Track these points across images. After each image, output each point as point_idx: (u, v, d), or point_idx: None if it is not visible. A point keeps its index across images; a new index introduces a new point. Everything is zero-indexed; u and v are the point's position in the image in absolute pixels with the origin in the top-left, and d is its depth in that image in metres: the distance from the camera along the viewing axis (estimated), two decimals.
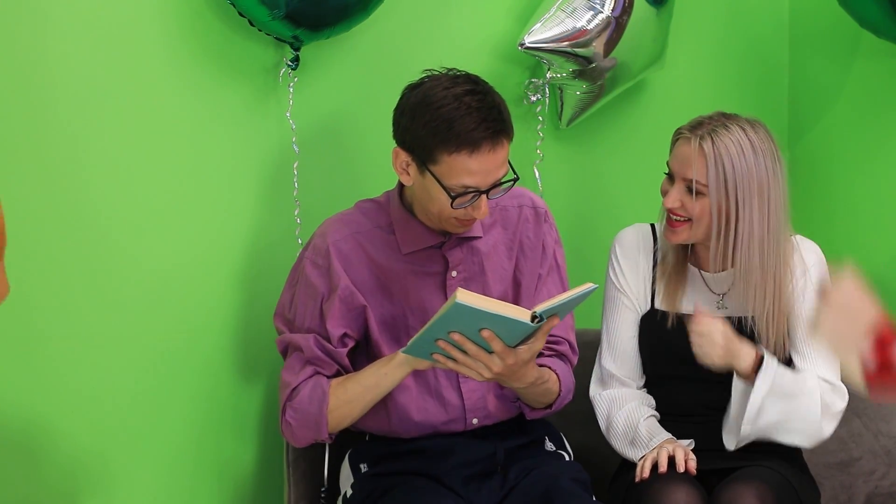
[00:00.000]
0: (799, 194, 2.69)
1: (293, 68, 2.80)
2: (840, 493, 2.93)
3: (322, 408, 2.50)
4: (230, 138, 2.81)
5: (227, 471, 2.87)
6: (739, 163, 2.61)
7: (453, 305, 2.26)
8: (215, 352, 2.82)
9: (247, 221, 2.84)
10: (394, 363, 2.48)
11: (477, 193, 2.42)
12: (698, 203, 2.63)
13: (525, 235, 2.63)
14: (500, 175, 2.44)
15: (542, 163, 3.10)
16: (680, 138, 2.67)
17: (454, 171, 2.40)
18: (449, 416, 2.58)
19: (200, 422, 2.84)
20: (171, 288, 2.77)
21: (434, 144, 2.40)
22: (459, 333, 2.34)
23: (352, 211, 2.62)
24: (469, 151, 2.38)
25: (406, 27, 2.99)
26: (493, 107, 2.41)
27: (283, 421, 2.55)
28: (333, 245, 2.54)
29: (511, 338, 2.36)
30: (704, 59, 3.38)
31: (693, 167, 2.61)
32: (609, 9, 3.00)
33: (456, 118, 2.38)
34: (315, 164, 2.88)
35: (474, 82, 2.45)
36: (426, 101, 2.42)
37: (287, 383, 2.54)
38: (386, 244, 2.56)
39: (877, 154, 3.29)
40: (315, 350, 2.52)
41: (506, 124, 2.43)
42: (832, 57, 3.36)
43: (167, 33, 2.73)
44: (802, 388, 2.63)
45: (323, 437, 2.53)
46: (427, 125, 2.40)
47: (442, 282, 2.57)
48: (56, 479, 2.69)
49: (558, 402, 2.62)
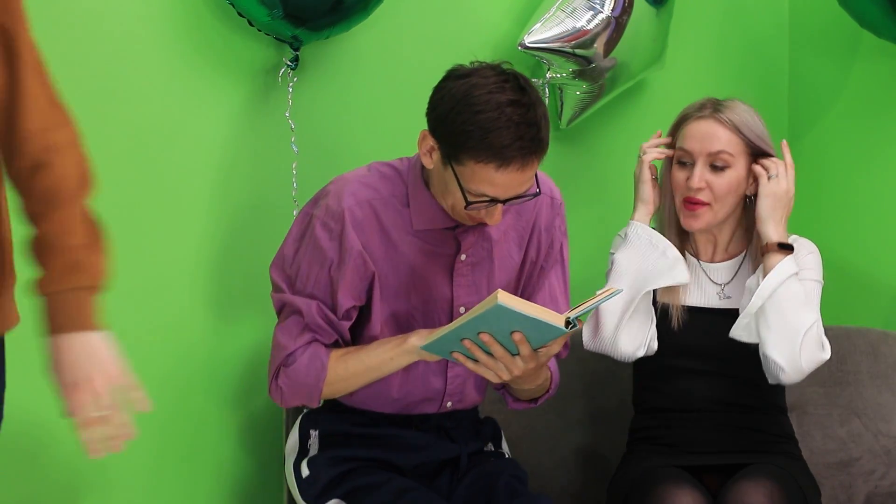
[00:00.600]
0: (799, 194, 2.68)
1: (293, 68, 2.80)
2: (840, 493, 2.93)
3: (319, 380, 2.43)
4: (230, 138, 2.81)
5: (226, 470, 2.87)
6: (757, 127, 2.68)
7: (494, 306, 2.21)
8: (215, 351, 2.83)
9: (246, 221, 2.84)
10: (402, 349, 2.41)
11: (494, 202, 2.35)
12: (725, 178, 2.65)
13: (537, 224, 2.57)
14: (524, 190, 2.36)
15: (542, 163, 3.10)
16: (690, 119, 2.69)
17: (477, 178, 2.31)
18: (427, 397, 2.55)
19: (199, 421, 2.84)
20: (171, 287, 2.77)
21: (464, 147, 2.29)
22: (489, 335, 2.30)
23: (368, 173, 2.48)
24: (497, 165, 2.28)
25: (406, 27, 2.99)
26: (532, 123, 2.29)
27: (274, 384, 2.47)
28: (349, 210, 2.42)
29: (538, 341, 2.33)
30: (704, 59, 3.38)
31: (717, 139, 2.64)
32: (609, 9, 3.00)
33: (493, 129, 2.27)
34: (314, 164, 2.88)
35: (521, 90, 2.32)
36: (467, 99, 2.30)
37: (283, 346, 2.45)
38: (399, 216, 2.46)
39: (876, 154, 3.29)
40: (316, 317, 2.43)
41: (542, 143, 2.32)
42: (832, 57, 3.36)
43: (167, 33, 2.73)
44: (804, 307, 2.63)
45: (313, 404, 2.48)
46: (462, 126, 2.29)
47: (450, 264, 2.49)
48: (55, 479, 2.69)
49: (544, 398, 2.61)
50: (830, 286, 3.23)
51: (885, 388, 3.00)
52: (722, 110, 2.67)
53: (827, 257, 2.79)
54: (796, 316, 2.61)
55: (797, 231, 2.77)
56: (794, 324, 2.61)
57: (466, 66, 2.35)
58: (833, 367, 3.03)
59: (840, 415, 3.01)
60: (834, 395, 3.03)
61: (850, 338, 3.04)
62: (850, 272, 3.30)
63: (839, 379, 3.03)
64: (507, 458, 2.64)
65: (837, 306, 3.29)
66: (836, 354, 3.04)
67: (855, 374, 3.02)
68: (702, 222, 2.68)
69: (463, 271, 2.49)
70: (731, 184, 2.65)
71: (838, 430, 2.97)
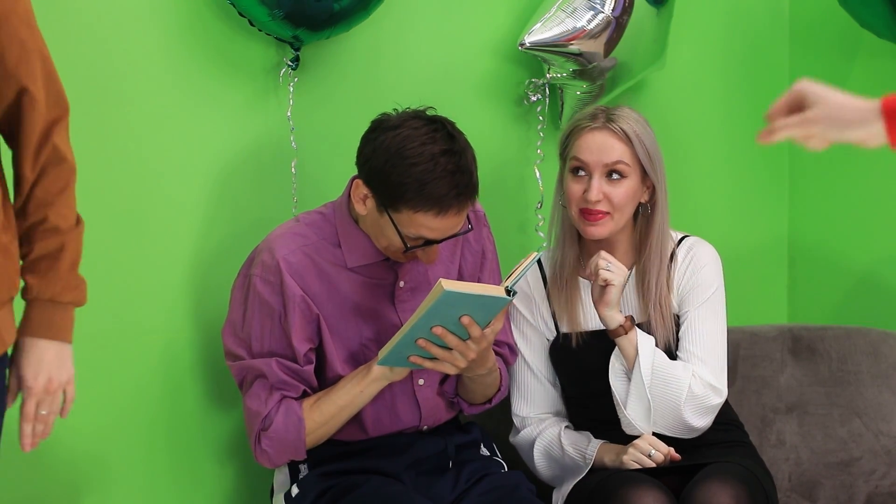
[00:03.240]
0: (799, 194, 2.68)
1: (293, 68, 2.80)
2: (840, 493, 2.93)
3: (300, 434, 2.50)
4: (230, 138, 2.81)
5: (225, 469, 2.87)
6: (648, 137, 2.68)
7: (442, 294, 2.30)
8: (215, 351, 2.82)
9: (246, 221, 2.84)
10: (369, 379, 2.50)
11: (431, 243, 2.44)
12: (622, 188, 2.64)
13: (465, 240, 2.65)
14: (458, 229, 2.46)
15: (543, 163, 3.10)
16: (582, 130, 2.68)
17: (415, 224, 2.41)
18: (404, 427, 2.61)
19: (199, 421, 2.83)
20: (170, 287, 2.77)
21: (402, 199, 2.39)
22: (441, 327, 2.38)
23: (295, 224, 2.59)
24: (436, 213, 2.39)
25: (406, 27, 2.99)
26: (465, 170, 2.40)
27: (258, 449, 2.54)
28: (283, 259, 2.50)
29: (484, 320, 2.41)
30: (704, 59, 3.38)
31: (613, 150, 2.64)
32: (609, 9, 3.00)
33: (429, 181, 2.37)
34: (314, 164, 2.88)
35: (451, 137, 2.42)
36: (401, 153, 2.39)
37: (256, 412, 2.51)
38: (333, 256, 2.54)
39: (877, 153, 3.28)
40: (280, 374, 2.49)
41: (474, 188, 2.44)
42: (832, 57, 3.35)
43: (167, 33, 2.73)
44: (672, 373, 2.61)
45: (300, 457, 2.56)
46: (398, 178, 2.39)
47: (391, 292, 2.57)
48: (55, 480, 2.69)
49: (497, 397, 2.67)
50: (831, 286, 3.23)
51: (885, 387, 3.00)
52: (615, 120, 2.66)
53: (828, 257, 2.79)
54: (668, 389, 2.61)
55: (803, 230, 2.75)
56: (671, 400, 2.61)
57: (393, 117, 2.47)
58: (834, 366, 3.03)
59: (841, 415, 3.01)
60: (834, 394, 3.03)
61: (851, 338, 3.04)
62: (850, 272, 3.30)
63: (840, 379, 3.03)
64: (517, 472, 2.66)
65: (837, 306, 3.29)
66: (836, 354, 3.04)
67: (855, 374, 3.02)
68: (604, 230, 2.66)
69: (404, 297, 2.57)
70: (628, 193, 2.65)
71: (839, 430, 2.97)
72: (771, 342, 3.05)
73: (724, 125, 3.40)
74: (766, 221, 3.45)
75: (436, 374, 2.59)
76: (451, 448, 2.63)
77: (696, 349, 2.67)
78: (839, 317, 3.25)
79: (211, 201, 2.80)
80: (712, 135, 3.39)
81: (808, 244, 3.39)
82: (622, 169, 2.64)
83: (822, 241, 2.82)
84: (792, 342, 3.08)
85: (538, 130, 3.13)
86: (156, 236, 2.75)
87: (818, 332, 3.07)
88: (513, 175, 3.12)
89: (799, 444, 3.00)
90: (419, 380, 2.60)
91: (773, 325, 3.14)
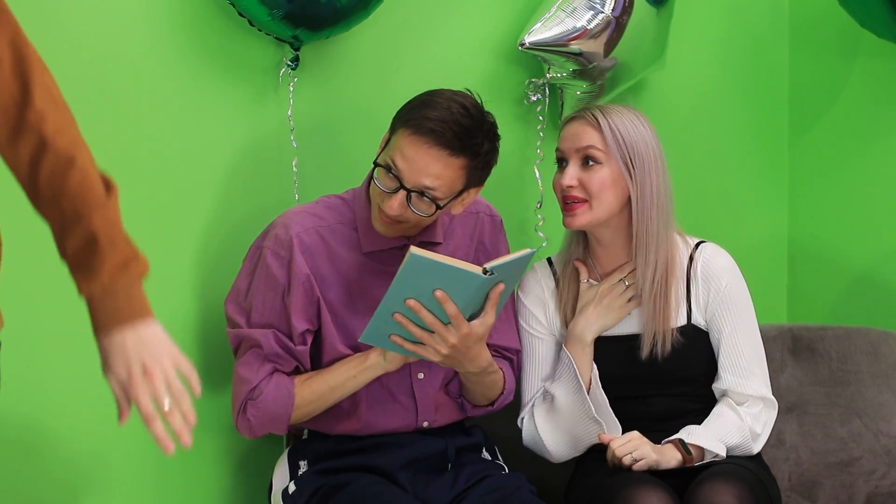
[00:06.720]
0: (799, 194, 2.69)
1: (293, 68, 2.81)
2: (840, 493, 2.93)
3: (287, 408, 2.51)
4: (230, 138, 2.82)
5: (225, 469, 2.87)
6: (634, 129, 2.63)
7: (409, 258, 2.30)
8: (215, 350, 2.83)
9: (246, 221, 2.84)
10: (364, 365, 2.50)
11: (395, 182, 2.41)
12: (597, 174, 2.61)
13: (481, 242, 2.66)
14: (426, 183, 2.41)
15: (543, 163, 3.10)
16: (564, 123, 2.69)
17: (394, 145, 2.43)
18: (401, 421, 2.60)
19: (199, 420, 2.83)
20: (170, 286, 2.77)
21: (401, 118, 2.44)
22: (415, 300, 2.36)
23: (315, 205, 2.61)
24: (412, 132, 2.40)
25: (406, 27, 2.99)
26: (467, 127, 2.40)
27: (242, 417, 2.54)
28: (297, 237, 2.52)
29: (462, 298, 2.37)
30: (705, 59, 3.38)
31: (586, 136, 2.62)
32: (609, 9, 3.00)
33: (429, 106, 2.41)
34: (315, 164, 2.89)
35: (478, 108, 2.45)
36: (429, 92, 2.47)
37: (247, 380, 2.52)
38: (348, 240, 2.56)
39: (877, 153, 3.29)
40: (274, 346, 2.51)
41: (461, 144, 2.40)
42: (832, 57, 3.36)
43: (167, 33, 2.73)
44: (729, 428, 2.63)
45: (281, 432, 2.56)
46: (411, 102, 2.46)
47: None
48: (55, 479, 2.69)
49: (500, 400, 2.65)
50: (831, 286, 3.23)
51: (885, 387, 3.01)
52: (593, 110, 2.65)
53: (828, 257, 2.79)
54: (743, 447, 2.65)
55: (803, 229, 2.75)
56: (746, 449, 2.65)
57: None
58: (834, 366, 3.03)
59: (841, 414, 3.01)
60: (834, 394, 3.03)
61: (851, 338, 3.05)
62: (850, 272, 3.30)
63: (840, 379, 3.03)
64: (517, 473, 2.65)
65: (837, 306, 3.29)
66: (836, 354, 3.04)
67: (855, 374, 3.03)
68: (581, 220, 2.63)
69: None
70: (603, 181, 2.61)
71: (839, 430, 2.97)
72: (771, 342, 3.04)
73: (724, 125, 3.40)
74: (766, 221, 3.45)
75: (437, 371, 2.59)
76: (452, 449, 2.62)
77: (745, 363, 2.67)
78: (839, 317, 3.25)
79: (211, 201, 2.80)
80: (712, 135, 3.39)
81: (808, 244, 3.40)
82: (595, 154, 2.62)
83: (821, 240, 2.82)
84: (792, 342, 3.08)
85: (538, 130, 3.13)
86: (156, 236, 2.75)
87: (818, 332, 3.08)
88: (513, 175, 3.12)
89: (799, 443, 3.00)
90: (419, 374, 2.60)
91: (773, 325, 3.14)
